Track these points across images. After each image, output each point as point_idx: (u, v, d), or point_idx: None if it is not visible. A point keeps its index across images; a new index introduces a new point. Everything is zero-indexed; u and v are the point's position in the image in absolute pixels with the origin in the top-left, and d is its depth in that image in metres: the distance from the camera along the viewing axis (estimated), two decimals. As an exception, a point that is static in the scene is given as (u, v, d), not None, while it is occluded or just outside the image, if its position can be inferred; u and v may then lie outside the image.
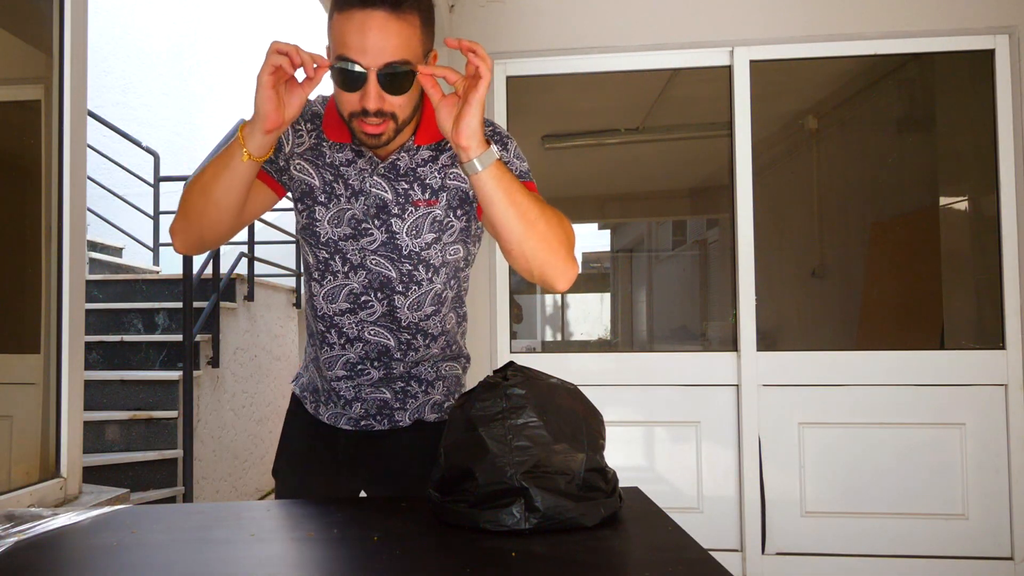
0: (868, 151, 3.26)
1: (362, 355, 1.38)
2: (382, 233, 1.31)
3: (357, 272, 1.34)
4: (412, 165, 1.30)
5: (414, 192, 1.30)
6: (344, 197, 1.31)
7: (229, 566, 0.95)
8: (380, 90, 1.13)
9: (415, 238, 1.31)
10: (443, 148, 1.31)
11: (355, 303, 1.36)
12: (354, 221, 1.32)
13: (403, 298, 1.35)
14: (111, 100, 6.28)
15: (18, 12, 2.11)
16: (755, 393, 2.94)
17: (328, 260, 1.35)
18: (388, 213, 1.30)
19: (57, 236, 2.11)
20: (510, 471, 1.04)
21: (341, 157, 1.31)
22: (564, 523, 1.03)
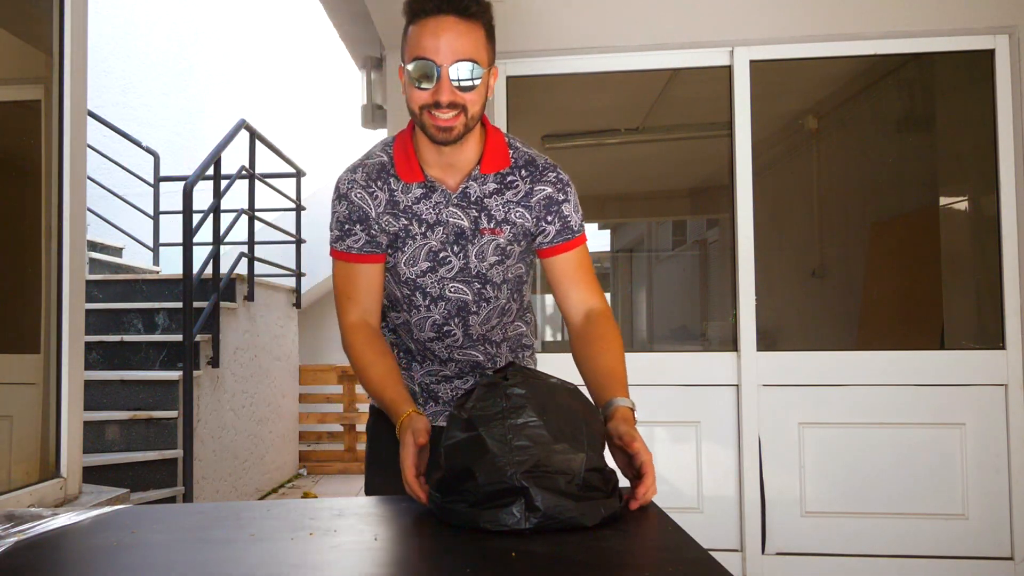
0: (868, 151, 3.26)
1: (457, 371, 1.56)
2: (459, 259, 1.43)
3: (437, 304, 1.47)
4: (480, 195, 1.41)
5: (482, 221, 1.41)
6: (420, 235, 1.42)
7: (229, 566, 0.95)
8: (451, 85, 1.25)
9: (481, 261, 1.44)
10: (507, 184, 1.42)
11: (439, 332, 1.50)
12: (432, 253, 1.43)
13: (476, 317, 1.49)
14: (111, 100, 6.27)
15: (18, 12, 2.11)
16: (755, 393, 2.94)
17: (410, 296, 1.47)
18: (465, 239, 1.42)
19: (57, 236, 2.11)
20: (510, 471, 1.04)
21: (413, 196, 1.41)
22: (564, 523, 1.03)
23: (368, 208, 1.41)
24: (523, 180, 1.42)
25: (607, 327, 1.42)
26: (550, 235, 1.43)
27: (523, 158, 1.43)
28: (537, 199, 1.42)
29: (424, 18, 1.26)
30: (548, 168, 1.44)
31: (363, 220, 1.42)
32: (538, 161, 1.44)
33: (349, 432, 6.19)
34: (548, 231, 1.43)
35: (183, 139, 6.93)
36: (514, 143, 1.45)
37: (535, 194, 1.42)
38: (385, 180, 1.42)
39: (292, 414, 5.92)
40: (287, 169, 5.58)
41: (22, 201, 2.15)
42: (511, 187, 1.42)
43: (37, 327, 2.09)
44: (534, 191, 1.42)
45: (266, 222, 5.18)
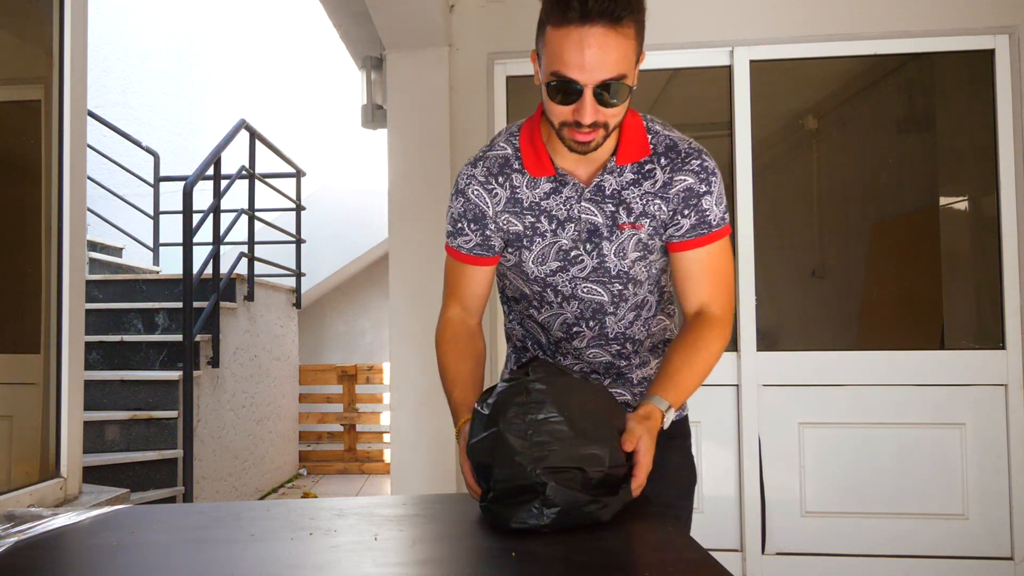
0: (868, 151, 3.26)
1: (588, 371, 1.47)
2: (593, 258, 1.34)
3: (570, 303, 1.39)
4: (617, 187, 1.30)
5: (620, 215, 1.31)
6: (549, 232, 1.33)
7: (229, 566, 0.95)
8: (596, 104, 1.15)
9: (622, 259, 1.34)
10: (645, 173, 1.31)
11: (568, 332, 1.42)
12: (562, 252, 1.34)
13: (613, 318, 1.40)
14: (111, 100, 6.28)
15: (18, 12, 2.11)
16: (755, 393, 2.94)
17: (541, 293, 1.40)
18: (600, 236, 1.32)
19: (57, 236, 2.11)
20: (529, 467, 1.03)
21: (541, 192, 1.32)
22: (582, 519, 1.03)
23: (486, 207, 1.34)
24: (662, 169, 1.30)
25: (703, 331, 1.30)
26: (683, 228, 1.31)
27: (663, 143, 1.31)
28: (676, 190, 1.29)
29: (567, 25, 1.11)
30: (692, 155, 1.30)
31: (478, 220, 1.35)
32: (680, 146, 1.31)
33: (349, 432, 6.19)
34: (681, 224, 1.31)
35: (183, 139, 6.93)
36: (654, 127, 1.33)
37: (674, 184, 1.29)
38: (507, 176, 1.33)
39: (292, 414, 5.92)
40: (287, 169, 5.58)
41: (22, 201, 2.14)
42: (649, 176, 1.30)
43: (37, 327, 2.09)
44: (674, 181, 1.29)
45: (266, 222, 5.18)
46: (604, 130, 1.19)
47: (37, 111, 2.12)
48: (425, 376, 3.03)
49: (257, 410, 5.05)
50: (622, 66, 1.14)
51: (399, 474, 3.09)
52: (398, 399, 3.08)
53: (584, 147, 1.20)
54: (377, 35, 3.26)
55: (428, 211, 3.04)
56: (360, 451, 6.23)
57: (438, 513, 1.19)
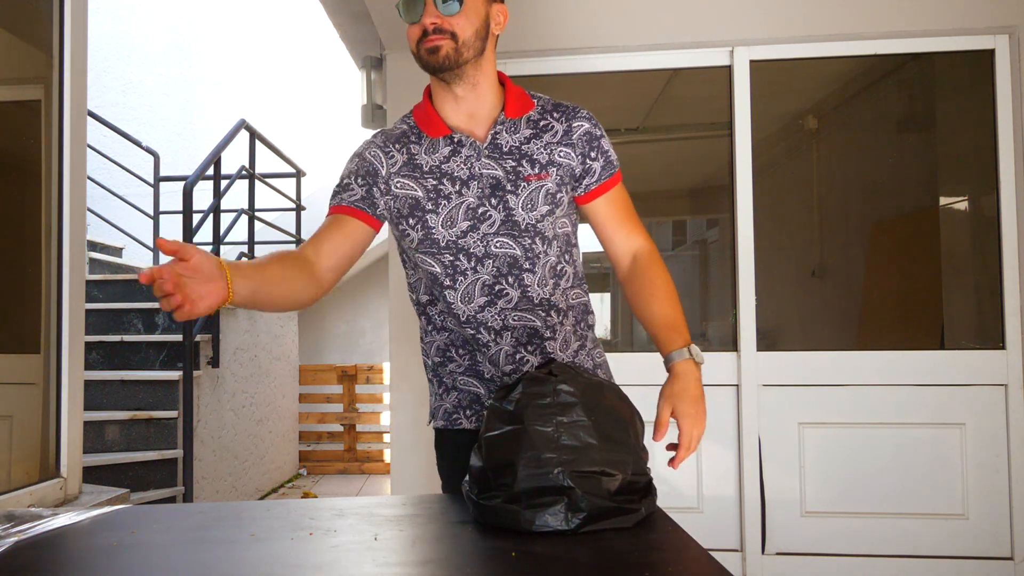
0: (868, 151, 3.26)
1: (513, 344, 1.41)
2: (499, 212, 1.36)
3: (484, 263, 1.37)
4: (515, 143, 1.37)
5: (523, 168, 1.37)
6: (454, 193, 1.36)
7: (229, 566, 0.95)
8: (436, 10, 1.29)
9: (531, 211, 1.36)
10: (543, 128, 1.39)
11: (491, 294, 1.38)
12: (470, 211, 1.36)
13: (531, 275, 1.39)
14: (111, 100, 6.28)
15: (18, 12, 2.11)
16: (755, 393, 2.94)
17: (454, 261, 1.38)
18: (503, 190, 1.36)
19: (57, 236, 2.11)
20: (556, 469, 1.02)
21: (440, 156, 1.38)
22: (607, 524, 1.02)
23: (379, 166, 1.38)
24: (558, 121, 1.40)
25: (654, 269, 1.40)
26: (596, 172, 1.41)
27: (549, 103, 1.43)
28: (578, 135, 1.39)
29: None
30: (577, 108, 1.43)
31: (368, 176, 1.37)
32: (565, 103, 1.43)
33: (349, 432, 6.19)
34: (594, 168, 1.41)
35: (183, 139, 6.93)
36: (535, 94, 1.45)
37: (574, 131, 1.39)
38: (405, 144, 1.39)
39: (292, 414, 5.92)
40: (287, 169, 5.58)
41: (22, 201, 2.14)
42: (547, 129, 1.39)
43: (37, 327, 2.09)
44: (572, 128, 1.40)
45: (266, 222, 5.18)
46: (453, 41, 1.30)
47: (37, 111, 2.12)
48: (425, 376, 3.03)
49: (257, 410, 5.05)
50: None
51: (399, 474, 3.09)
52: (398, 399, 3.08)
53: (435, 56, 1.30)
54: (377, 35, 3.26)
55: (428, 211, 3.03)
56: (360, 451, 6.24)
57: (438, 513, 1.19)
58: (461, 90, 1.36)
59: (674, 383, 1.31)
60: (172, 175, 5.67)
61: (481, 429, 1.13)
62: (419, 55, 1.33)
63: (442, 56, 1.30)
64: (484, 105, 1.37)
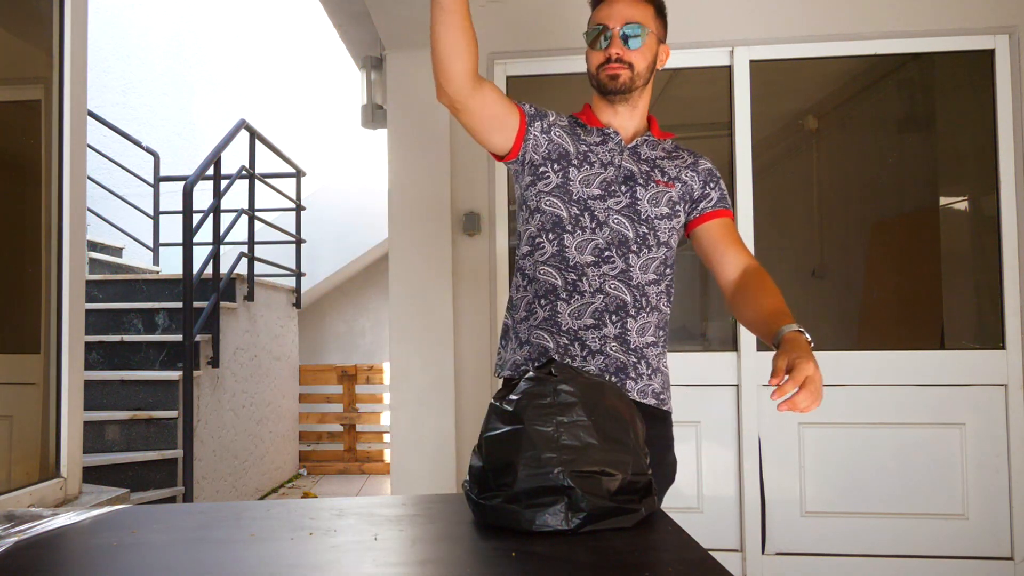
0: (868, 151, 3.26)
1: (602, 307, 1.55)
2: (627, 197, 1.57)
3: (602, 228, 1.55)
4: (652, 156, 1.62)
5: (655, 174, 1.60)
6: (598, 164, 1.58)
7: (229, 566, 0.95)
8: (621, 43, 1.54)
9: (654, 206, 1.57)
10: (675, 154, 1.65)
11: (599, 257, 1.55)
12: (604, 183, 1.57)
13: (636, 257, 1.56)
14: (111, 100, 6.28)
15: (18, 12, 2.11)
16: (755, 393, 2.94)
17: (579, 216, 1.56)
18: (634, 182, 1.58)
19: (57, 236, 2.11)
20: (556, 469, 1.03)
21: (591, 140, 1.61)
22: (606, 524, 1.02)
23: (548, 112, 1.61)
24: (687, 154, 1.66)
25: (762, 276, 1.55)
26: (713, 200, 1.62)
27: (682, 145, 1.70)
28: (702, 168, 1.64)
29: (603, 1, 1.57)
30: (701, 154, 1.68)
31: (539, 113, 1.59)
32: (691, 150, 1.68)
33: (349, 432, 6.19)
34: (712, 196, 1.62)
35: (183, 139, 6.93)
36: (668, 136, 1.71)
37: (700, 165, 1.64)
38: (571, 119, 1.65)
39: (292, 414, 5.92)
40: (287, 169, 5.58)
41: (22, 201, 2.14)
42: (678, 157, 1.65)
43: (37, 327, 2.09)
44: (699, 163, 1.65)
45: (266, 222, 5.18)
46: (630, 71, 1.55)
47: (37, 111, 2.12)
48: (425, 376, 3.03)
49: (257, 410, 5.05)
50: (642, 18, 1.54)
51: (399, 474, 3.09)
52: (398, 399, 3.08)
53: (614, 81, 1.54)
54: (377, 35, 3.26)
55: (428, 211, 3.04)
56: (360, 451, 6.23)
57: (438, 513, 1.19)
58: (622, 108, 1.60)
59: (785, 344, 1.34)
60: (172, 175, 5.67)
61: (481, 429, 1.13)
62: (597, 77, 1.57)
63: (620, 83, 1.55)
64: (635, 122, 1.62)
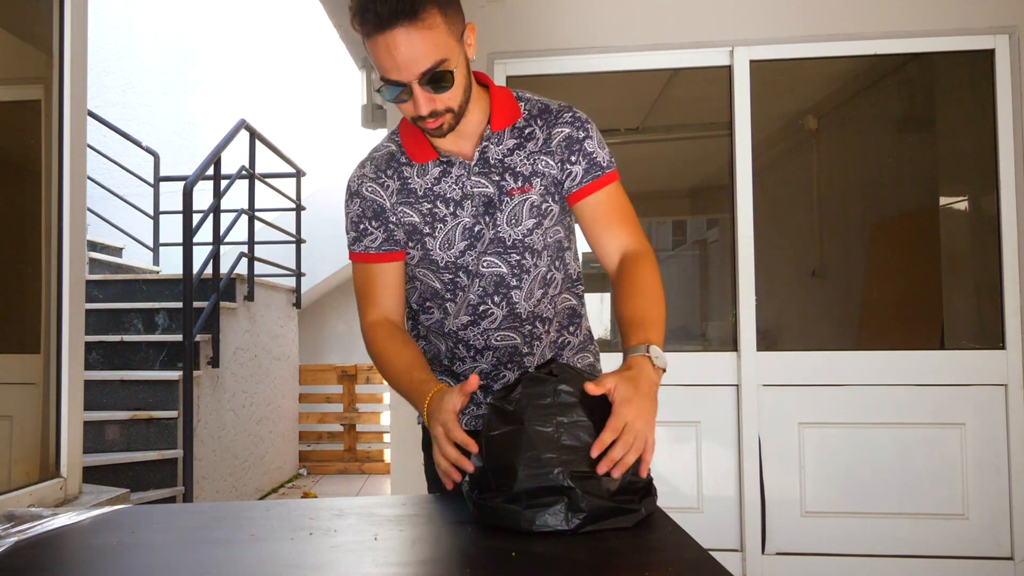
0: (868, 151, 3.26)
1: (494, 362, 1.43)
2: (489, 230, 1.34)
3: (474, 282, 1.37)
4: (499, 156, 1.33)
5: (507, 182, 1.33)
6: (449, 215, 1.34)
7: (229, 566, 0.95)
8: (427, 95, 1.18)
9: (516, 226, 1.34)
10: (525, 136, 1.34)
11: (475, 314, 1.39)
12: (466, 231, 1.34)
13: (519, 291, 1.38)
14: (111, 100, 6.28)
15: (18, 12, 2.11)
16: (755, 393, 2.94)
17: (454, 279, 1.38)
18: (494, 207, 1.33)
19: (57, 236, 2.11)
20: (556, 469, 1.03)
21: (431, 178, 1.34)
22: (607, 524, 1.02)
23: (382, 200, 1.35)
24: (540, 128, 1.34)
25: (637, 268, 1.30)
26: (578, 176, 1.33)
27: (536, 107, 1.36)
28: (557, 142, 1.33)
29: (373, 35, 1.14)
30: (563, 110, 1.35)
31: (378, 215, 1.35)
32: (551, 106, 1.36)
33: (349, 432, 6.19)
34: (575, 172, 1.33)
35: (183, 139, 6.93)
36: (523, 95, 1.38)
37: (553, 138, 1.33)
38: (396, 169, 1.36)
39: (292, 414, 5.92)
40: (287, 169, 5.58)
41: (22, 201, 2.14)
42: (530, 138, 1.34)
43: (37, 327, 2.09)
44: (552, 135, 1.33)
45: (266, 222, 5.18)
46: (451, 113, 1.22)
47: (37, 111, 2.12)
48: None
49: (257, 410, 5.05)
50: (437, 53, 1.15)
51: (399, 474, 3.09)
52: (398, 399, 3.08)
53: (439, 132, 1.24)
54: (377, 35, 3.26)
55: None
56: (360, 451, 6.23)
57: (438, 513, 1.19)
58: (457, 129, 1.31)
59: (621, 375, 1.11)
60: (172, 175, 5.67)
61: (482, 429, 1.13)
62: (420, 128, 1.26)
63: (447, 131, 1.25)
64: (471, 123, 1.31)
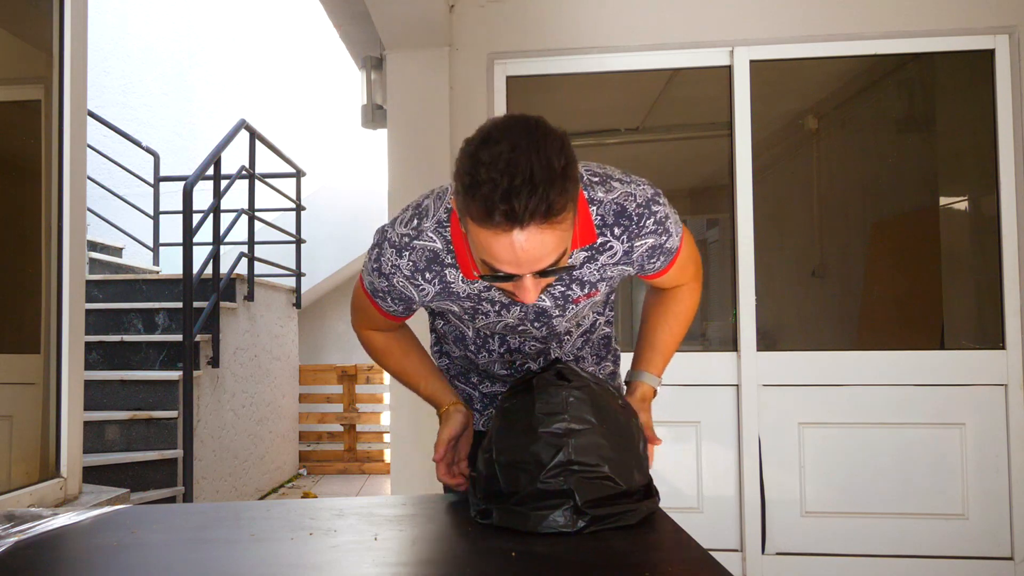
0: (868, 151, 3.26)
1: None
2: (541, 331, 1.30)
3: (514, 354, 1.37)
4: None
5: (572, 292, 1.22)
6: (493, 312, 1.24)
7: (229, 566, 0.95)
8: (537, 282, 1.02)
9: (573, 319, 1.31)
10: (599, 248, 1.18)
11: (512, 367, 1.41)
12: (508, 327, 1.28)
13: (559, 350, 1.39)
14: (111, 100, 6.27)
15: (18, 12, 2.11)
16: (755, 393, 2.94)
17: (488, 339, 1.36)
18: (548, 316, 1.25)
19: (57, 236, 2.11)
20: (563, 472, 1.04)
21: (481, 286, 1.19)
22: (610, 525, 1.04)
23: (411, 295, 1.22)
24: (617, 239, 1.17)
25: (672, 297, 1.38)
26: (656, 268, 1.26)
27: (611, 212, 1.16)
28: (639, 253, 1.19)
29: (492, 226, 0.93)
30: (644, 215, 1.16)
31: (404, 301, 1.24)
32: (628, 209, 1.16)
33: (349, 432, 6.19)
34: (654, 267, 1.25)
35: (183, 139, 6.92)
36: (595, 195, 1.15)
37: (636, 250, 1.19)
38: (438, 272, 1.18)
39: (292, 414, 5.92)
40: (287, 169, 5.58)
41: (22, 201, 2.14)
42: (605, 250, 1.18)
43: (37, 327, 2.09)
44: (635, 248, 1.18)
45: (266, 222, 5.18)
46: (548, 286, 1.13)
47: (37, 111, 2.12)
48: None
49: (257, 410, 5.05)
50: (561, 247, 0.99)
51: (399, 474, 3.09)
52: (398, 399, 3.08)
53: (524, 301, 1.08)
54: (377, 35, 3.26)
55: (428, 211, 3.03)
56: (360, 451, 6.23)
57: (438, 513, 1.19)
58: None
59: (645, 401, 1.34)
60: (172, 175, 5.67)
61: (489, 431, 1.13)
62: None
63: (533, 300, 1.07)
64: None
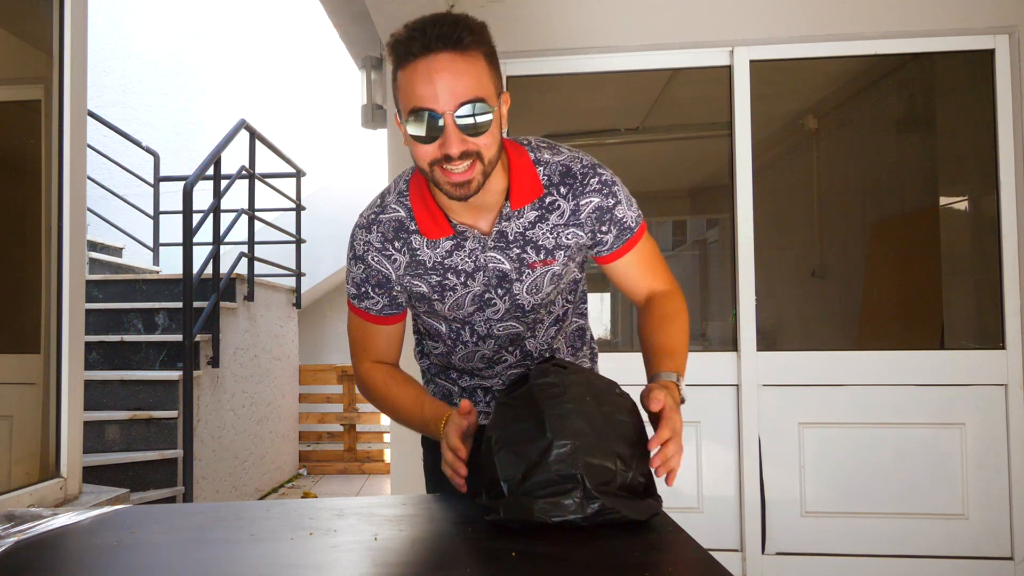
0: (868, 151, 3.26)
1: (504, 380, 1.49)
2: (505, 302, 1.33)
3: (486, 341, 1.39)
4: (519, 230, 1.27)
5: (528, 255, 1.28)
6: (460, 284, 1.30)
7: (229, 566, 0.95)
8: (460, 133, 1.08)
9: (535, 294, 1.33)
10: (548, 207, 1.26)
11: (490, 361, 1.43)
12: (476, 298, 1.32)
13: (533, 340, 1.42)
14: (111, 100, 6.27)
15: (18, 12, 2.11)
16: (755, 393, 2.94)
17: (459, 331, 1.39)
18: (509, 281, 1.30)
19: (57, 236, 2.11)
20: (569, 460, 1.04)
21: (443, 251, 1.27)
22: (617, 517, 1.04)
23: (387, 271, 1.30)
24: (564, 198, 1.26)
25: (667, 305, 1.37)
26: (608, 243, 1.32)
27: (557, 172, 1.26)
28: (586, 213, 1.27)
29: (413, 60, 1.07)
30: (588, 174, 1.26)
31: (383, 284, 1.31)
32: (574, 168, 1.26)
33: (349, 432, 6.19)
34: (605, 240, 1.31)
35: (183, 139, 6.93)
36: (541, 156, 1.27)
37: (582, 209, 1.26)
38: (405, 240, 1.28)
39: (292, 414, 5.92)
40: (287, 169, 5.58)
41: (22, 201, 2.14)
42: (553, 209, 1.26)
43: (37, 327, 2.09)
44: (580, 206, 1.26)
45: (266, 222, 5.18)
46: (480, 163, 1.11)
47: (37, 111, 2.12)
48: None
49: (257, 410, 5.05)
50: (478, 89, 1.08)
51: (399, 474, 3.09)
52: (398, 399, 3.08)
53: (464, 189, 1.12)
54: (377, 35, 3.26)
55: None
56: (360, 451, 6.23)
57: (438, 513, 1.19)
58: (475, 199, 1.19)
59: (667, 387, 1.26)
60: (172, 175, 5.67)
61: (490, 424, 1.13)
62: (434, 178, 1.14)
63: (473, 189, 1.13)
64: (490, 197, 1.22)
